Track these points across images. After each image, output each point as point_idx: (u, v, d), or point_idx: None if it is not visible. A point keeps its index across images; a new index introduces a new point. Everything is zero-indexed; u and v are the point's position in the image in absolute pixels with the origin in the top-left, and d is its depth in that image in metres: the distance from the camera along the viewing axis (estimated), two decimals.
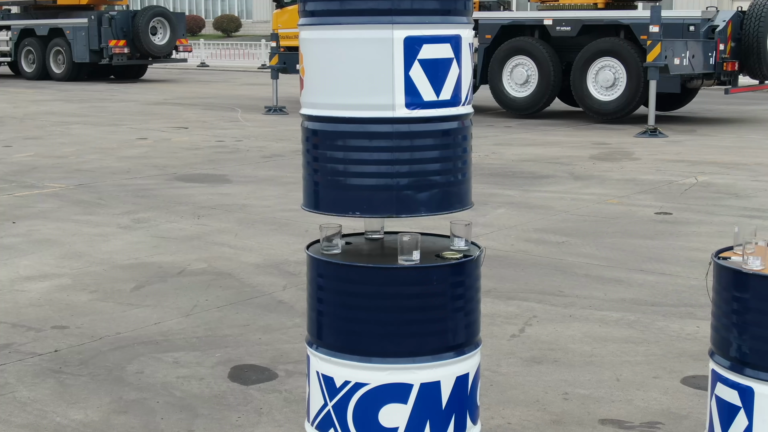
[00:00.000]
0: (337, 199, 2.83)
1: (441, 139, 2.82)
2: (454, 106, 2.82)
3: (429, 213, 2.82)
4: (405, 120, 2.75)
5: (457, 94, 2.82)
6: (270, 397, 4.04)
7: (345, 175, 2.80)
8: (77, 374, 4.30)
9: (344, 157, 2.80)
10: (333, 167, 2.82)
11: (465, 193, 2.93)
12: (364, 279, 2.82)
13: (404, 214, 2.80)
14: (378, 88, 2.73)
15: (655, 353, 4.57)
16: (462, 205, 2.92)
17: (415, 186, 2.79)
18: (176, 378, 4.25)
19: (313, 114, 2.86)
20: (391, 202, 2.78)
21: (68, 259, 6.34)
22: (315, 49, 2.82)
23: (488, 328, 4.92)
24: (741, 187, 9.01)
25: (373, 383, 2.83)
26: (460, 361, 2.90)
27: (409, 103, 2.74)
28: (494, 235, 7.00)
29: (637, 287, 5.68)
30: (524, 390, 4.12)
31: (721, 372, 2.86)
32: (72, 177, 9.61)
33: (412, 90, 2.74)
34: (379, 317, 2.82)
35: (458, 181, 2.88)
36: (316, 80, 2.83)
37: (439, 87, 2.77)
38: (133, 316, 5.13)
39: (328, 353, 2.89)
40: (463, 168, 2.89)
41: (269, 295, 5.50)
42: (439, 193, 2.83)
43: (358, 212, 2.81)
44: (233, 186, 9.11)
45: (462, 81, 2.83)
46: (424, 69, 2.74)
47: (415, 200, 2.79)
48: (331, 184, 2.83)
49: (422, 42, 2.73)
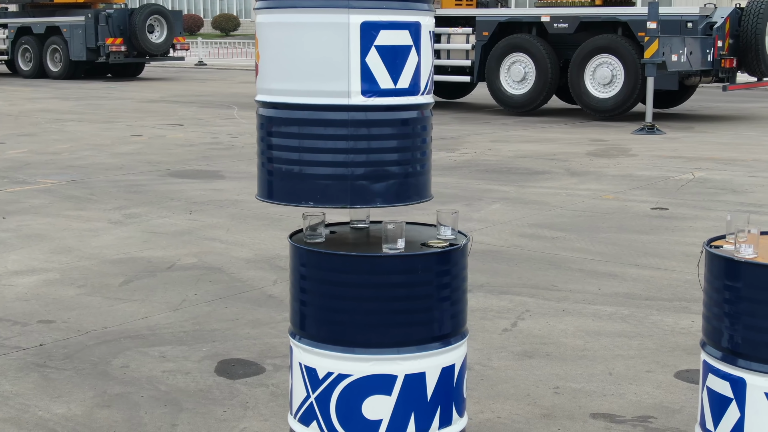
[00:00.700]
0: (291, 189, 2.78)
1: (399, 128, 2.76)
2: (413, 95, 2.77)
3: (385, 204, 2.77)
4: (361, 108, 2.69)
5: (416, 82, 2.76)
6: (257, 391, 3.97)
7: (299, 164, 2.75)
8: (61, 368, 4.24)
9: (298, 145, 2.74)
10: (287, 156, 2.76)
11: (423, 184, 2.87)
12: (347, 268, 2.75)
13: (359, 204, 2.75)
14: (333, 75, 2.68)
15: (648, 347, 4.51)
16: (420, 197, 2.86)
17: (371, 176, 2.73)
18: (162, 372, 4.18)
19: (268, 100, 2.81)
20: (346, 192, 2.73)
21: (57, 253, 6.27)
22: (270, 34, 2.77)
23: (480, 322, 4.86)
24: (738, 182, 8.95)
25: (356, 374, 2.76)
26: (445, 352, 2.84)
27: (366, 90, 2.69)
28: (488, 230, 6.94)
29: (631, 281, 5.62)
30: (515, 384, 4.05)
31: (713, 363, 2.79)
32: (64, 173, 9.55)
33: (368, 77, 2.68)
34: (363, 307, 2.75)
35: (416, 173, 2.82)
36: (271, 65, 2.78)
37: (396, 75, 2.72)
38: (121, 310, 5.07)
39: (310, 344, 2.83)
40: (422, 159, 2.84)
41: (259, 289, 5.44)
42: (396, 184, 2.77)
43: (312, 202, 2.75)
44: (227, 182, 9.05)
45: (421, 69, 2.77)
46: (382, 56, 2.69)
47: (371, 191, 2.74)
48: (285, 173, 2.78)
49: (379, 28, 2.67)
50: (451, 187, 8.66)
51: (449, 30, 16.09)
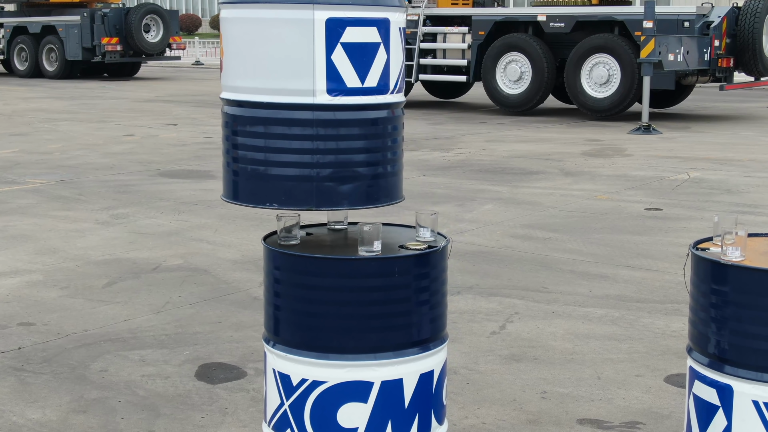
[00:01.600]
0: (256, 190, 2.70)
1: (367, 128, 2.68)
2: (382, 93, 2.68)
3: (353, 206, 2.69)
4: (327, 107, 2.61)
5: (385, 81, 2.68)
6: (236, 396, 3.88)
7: (264, 164, 2.66)
8: (39, 372, 4.15)
9: (264, 144, 2.66)
10: (252, 155, 2.68)
11: (394, 186, 2.79)
12: (321, 271, 2.67)
13: (325, 206, 2.66)
14: (298, 73, 2.59)
15: (638, 351, 4.42)
16: (390, 198, 2.78)
17: (338, 177, 2.65)
18: (141, 376, 4.09)
19: (232, 98, 2.72)
20: (311, 193, 2.65)
21: (42, 254, 6.18)
22: (233, 29, 2.69)
23: (468, 324, 4.77)
24: (734, 182, 8.87)
25: (331, 381, 2.68)
26: (424, 358, 2.75)
27: (332, 89, 2.60)
28: (480, 230, 6.85)
29: (623, 283, 5.53)
30: (501, 389, 3.97)
31: (699, 369, 2.71)
32: (54, 173, 9.46)
33: (334, 75, 2.60)
34: (338, 311, 2.67)
35: (386, 174, 2.74)
36: (235, 62, 2.69)
37: (364, 73, 2.63)
38: (103, 312, 4.98)
39: (284, 350, 2.74)
40: (392, 159, 2.76)
41: (245, 291, 5.35)
42: (364, 186, 2.69)
43: (276, 203, 2.67)
44: (217, 182, 8.94)
45: (390, 67, 2.69)
46: (348, 53, 2.60)
47: (338, 192, 2.66)
48: (251, 173, 2.69)
49: (345, 24, 2.58)
50: (443, 187, 8.58)
51: (445, 29, 16.00)
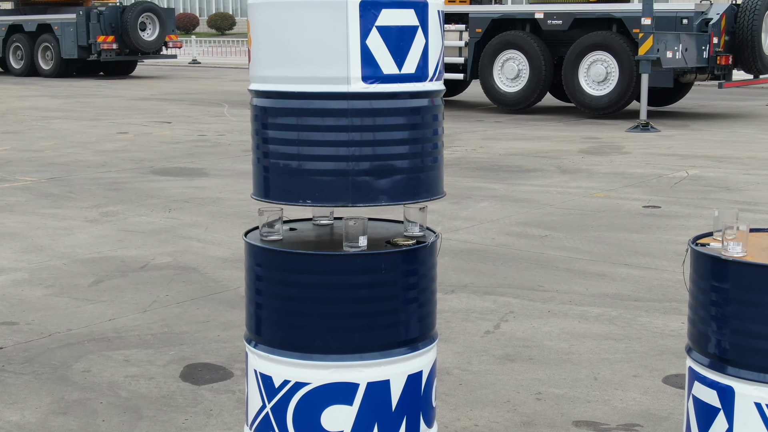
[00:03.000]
0: (288, 186, 2.52)
1: (406, 118, 2.51)
2: (420, 80, 2.51)
3: (391, 202, 2.52)
4: (362, 95, 2.44)
5: (424, 67, 2.51)
6: (222, 397, 3.77)
7: (296, 159, 2.49)
8: (20, 373, 4.03)
9: (295, 138, 2.49)
10: (284, 150, 2.51)
11: (434, 180, 2.62)
12: (304, 268, 2.55)
13: (361, 203, 2.49)
14: (331, 59, 2.43)
15: (636, 350, 4.31)
16: (430, 193, 2.60)
17: (375, 171, 2.48)
18: (124, 377, 3.97)
19: (261, 89, 2.56)
20: (347, 189, 2.48)
21: (28, 252, 6.06)
22: (262, 15, 2.52)
23: (462, 324, 4.66)
24: (732, 180, 8.75)
25: (314, 383, 2.56)
26: (412, 358, 2.64)
27: (367, 76, 2.44)
28: (475, 228, 6.73)
29: (620, 282, 5.42)
30: (495, 389, 3.85)
31: (699, 370, 2.59)
32: (45, 170, 9.33)
33: (369, 61, 2.43)
34: (322, 310, 2.55)
35: (426, 167, 2.57)
36: (264, 51, 2.53)
37: (401, 59, 2.46)
38: (88, 311, 4.86)
39: (266, 350, 2.63)
40: (432, 151, 2.58)
41: (233, 290, 5.23)
42: (404, 180, 2.52)
43: (309, 200, 2.50)
44: (210, 179, 8.84)
45: (429, 53, 2.52)
46: (384, 37, 2.44)
47: (375, 188, 2.49)
48: (281, 169, 2.52)
49: (381, 6, 2.43)
50: None
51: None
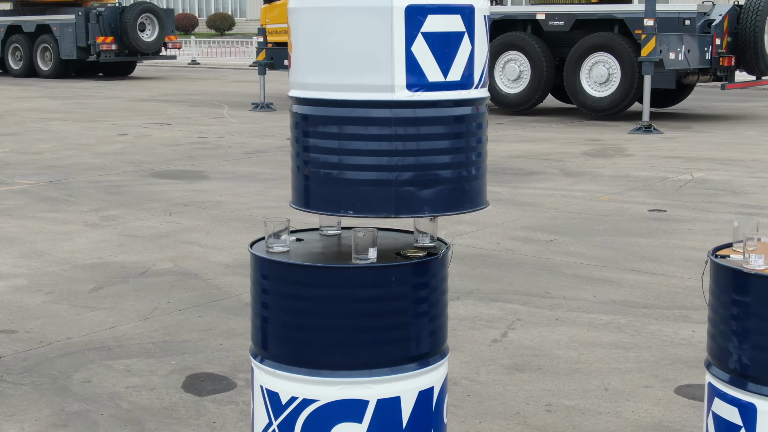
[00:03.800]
0: (329, 196, 2.47)
1: (450, 126, 2.45)
2: (465, 88, 2.45)
3: (435, 213, 2.46)
4: (406, 104, 2.38)
5: (470, 74, 2.45)
6: (225, 409, 3.69)
7: (337, 168, 2.43)
8: (19, 383, 3.95)
9: (337, 146, 2.43)
10: (324, 159, 2.45)
11: (478, 190, 2.55)
12: (312, 281, 2.47)
13: (404, 213, 2.43)
14: (375, 66, 2.37)
15: (646, 360, 4.23)
16: (474, 204, 2.54)
17: (419, 181, 2.42)
18: (125, 388, 3.89)
19: (302, 96, 2.50)
20: (390, 199, 2.42)
21: (27, 258, 5.98)
22: (303, 21, 2.45)
23: (468, 332, 4.58)
24: (738, 183, 8.68)
25: (323, 400, 2.48)
26: (423, 374, 2.56)
27: (412, 84, 2.38)
28: (479, 233, 6.66)
29: (628, 288, 5.34)
30: (504, 401, 3.77)
31: (719, 386, 2.52)
32: (44, 173, 9.25)
33: (414, 69, 2.37)
34: (330, 324, 2.47)
35: (470, 177, 2.51)
36: (305, 57, 2.46)
37: (447, 66, 2.40)
38: (88, 319, 4.78)
39: (273, 366, 2.55)
40: (477, 161, 2.52)
41: (236, 297, 5.15)
42: (447, 191, 2.46)
43: (351, 211, 2.44)
44: (210, 182, 8.76)
45: (475, 59, 2.45)
46: (429, 44, 2.37)
47: (418, 198, 2.43)
48: (322, 178, 2.46)
49: (427, 12, 2.36)
50: None
51: None
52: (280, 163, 9.83)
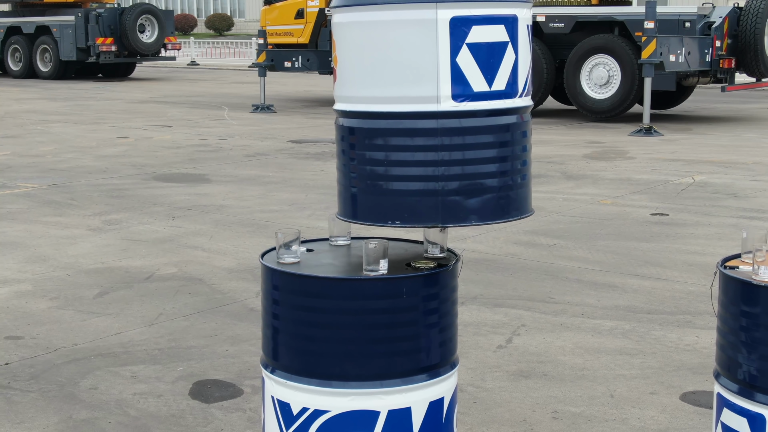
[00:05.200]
0: (376, 207, 2.50)
1: (495, 135, 2.47)
2: (510, 97, 2.48)
3: (481, 222, 2.49)
4: (452, 114, 2.41)
5: (514, 83, 2.48)
6: (233, 416, 3.70)
7: (384, 179, 2.47)
8: (26, 390, 3.96)
9: (383, 158, 2.46)
10: (371, 170, 2.48)
11: (524, 198, 2.58)
12: (323, 292, 2.49)
13: (451, 222, 2.47)
14: (421, 78, 2.39)
15: (651, 366, 4.24)
16: (520, 212, 2.57)
17: (465, 191, 2.45)
18: (132, 395, 3.91)
19: (347, 109, 2.53)
20: (436, 209, 2.45)
21: (31, 263, 5.99)
22: (348, 35, 2.48)
23: (473, 338, 4.59)
24: (739, 186, 8.69)
25: (334, 410, 2.49)
26: (433, 384, 2.57)
27: (457, 94, 2.40)
28: (482, 237, 6.67)
29: (632, 293, 5.35)
30: (510, 408, 3.79)
31: (728, 396, 2.53)
32: (46, 176, 9.26)
33: (460, 79, 2.40)
34: (341, 335, 2.49)
35: (516, 185, 2.53)
36: (350, 71, 2.49)
37: (491, 76, 2.43)
38: (93, 325, 4.79)
39: (284, 376, 2.56)
40: (522, 169, 2.55)
41: (241, 302, 5.16)
42: (494, 199, 2.48)
43: (399, 221, 2.47)
44: (212, 186, 8.77)
45: (519, 68, 2.48)
46: (474, 55, 2.40)
47: (465, 207, 2.45)
48: (369, 189, 2.50)
49: (471, 23, 2.38)
50: None
51: None
52: (282, 166, 9.84)
